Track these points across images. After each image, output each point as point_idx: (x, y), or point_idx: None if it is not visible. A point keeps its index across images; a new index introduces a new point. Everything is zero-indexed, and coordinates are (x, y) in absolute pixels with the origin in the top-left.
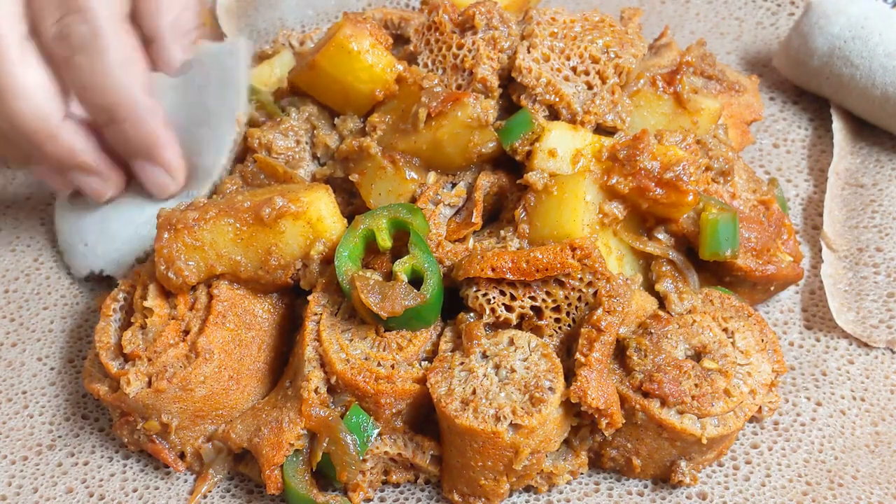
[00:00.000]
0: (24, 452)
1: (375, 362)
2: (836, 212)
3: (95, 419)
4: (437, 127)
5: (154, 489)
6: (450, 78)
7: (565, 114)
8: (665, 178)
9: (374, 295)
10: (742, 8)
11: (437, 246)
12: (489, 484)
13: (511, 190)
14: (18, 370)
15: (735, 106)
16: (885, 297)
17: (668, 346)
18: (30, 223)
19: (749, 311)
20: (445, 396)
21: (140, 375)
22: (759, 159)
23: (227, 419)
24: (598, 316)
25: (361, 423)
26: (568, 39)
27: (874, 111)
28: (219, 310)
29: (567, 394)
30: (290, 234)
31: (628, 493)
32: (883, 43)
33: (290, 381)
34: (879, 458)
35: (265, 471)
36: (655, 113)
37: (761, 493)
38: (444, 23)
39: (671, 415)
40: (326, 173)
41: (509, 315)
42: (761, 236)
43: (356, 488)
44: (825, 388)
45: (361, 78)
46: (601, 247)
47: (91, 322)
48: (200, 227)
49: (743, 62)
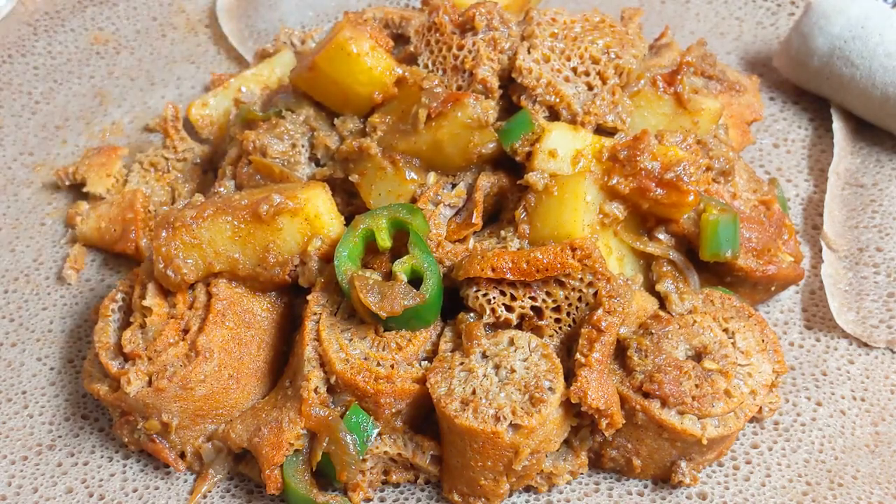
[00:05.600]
0: (24, 452)
1: (375, 362)
2: (836, 212)
3: (95, 419)
4: (437, 127)
5: (154, 489)
6: (450, 79)
7: (565, 114)
8: (665, 179)
9: (374, 295)
10: (742, 8)
11: (437, 246)
12: (489, 484)
13: (511, 190)
14: (18, 370)
15: (735, 106)
16: (886, 297)
17: (668, 346)
18: (30, 223)
19: (749, 312)
20: (445, 396)
21: (140, 374)
22: (760, 159)
23: (227, 418)
24: (598, 316)
25: (361, 422)
26: (568, 40)
27: (874, 111)
28: (218, 308)
29: (567, 394)
30: (288, 230)
31: (628, 493)
32: (883, 43)
33: (289, 380)
34: (879, 458)
35: (265, 471)
36: (656, 113)
37: (761, 493)
38: (444, 23)
39: (671, 415)
40: (326, 174)
41: (509, 315)
42: (762, 236)
43: (356, 488)
44: (825, 388)
45: (360, 80)
46: (601, 247)
47: (91, 322)
48: (198, 224)
49: (743, 62)
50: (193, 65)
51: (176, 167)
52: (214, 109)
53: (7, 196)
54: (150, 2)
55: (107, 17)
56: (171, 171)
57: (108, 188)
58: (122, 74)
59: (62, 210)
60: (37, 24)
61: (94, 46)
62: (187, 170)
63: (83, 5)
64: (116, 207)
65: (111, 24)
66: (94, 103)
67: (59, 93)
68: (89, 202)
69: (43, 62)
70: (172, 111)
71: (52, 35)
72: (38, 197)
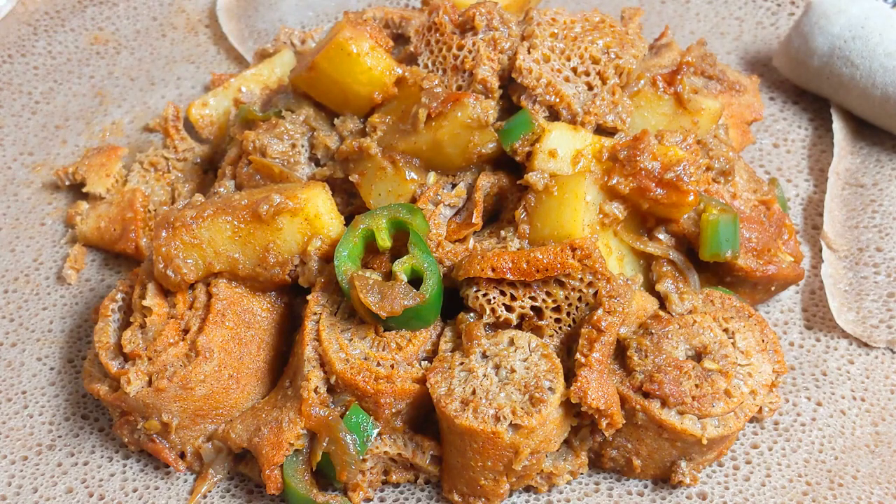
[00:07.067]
0: (24, 452)
1: (375, 362)
2: (836, 212)
3: (95, 419)
4: (437, 127)
5: (154, 489)
6: (450, 79)
7: (565, 114)
8: (666, 179)
9: (374, 294)
10: (742, 8)
11: (437, 246)
12: (489, 484)
13: (511, 190)
14: (18, 370)
15: (735, 106)
16: (886, 297)
17: (668, 346)
18: (30, 223)
19: (750, 312)
20: (445, 396)
21: (140, 374)
22: (760, 159)
23: (227, 418)
24: (598, 316)
25: (361, 422)
26: (568, 40)
27: (874, 111)
28: (218, 308)
29: (567, 394)
30: (288, 230)
31: (628, 493)
32: (883, 43)
33: (289, 380)
34: (879, 458)
35: (265, 471)
36: (656, 113)
37: (761, 493)
38: (444, 23)
39: (672, 415)
40: (326, 174)
41: (509, 315)
42: (762, 236)
43: (356, 488)
44: (825, 388)
45: (360, 80)
46: (601, 247)
47: (91, 322)
48: (198, 224)
49: (743, 62)
50: (193, 65)
51: (176, 167)
52: (214, 109)
53: (7, 196)
54: (150, 2)
55: (107, 17)
56: (171, 171)
57: (108, 188)
58: (122, 74)
59: (62, 210)
60: (37, 24)
61: (94, 46)
62: (187, 170)
63: (83, 5)
64: (116, 207)
65: (111, 24)
66: (94, 103)
67: (59, 93)
68: (89, 202)
69: (43, 62)
70: (173, 111)
71: (52, 35)
72: (38, 197)
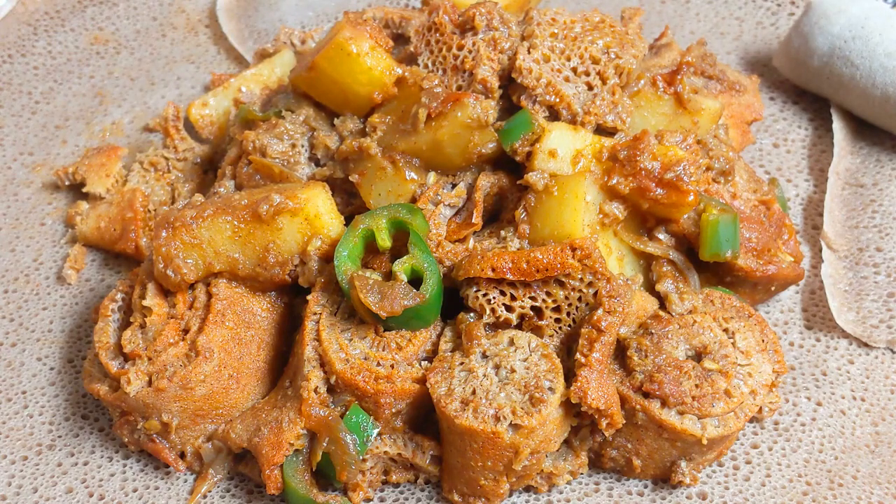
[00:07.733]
0: (24, 452)
1: (375, 362)
2: (836, 212)
3: (95, 419)
4: (437, 127)
5: (154, 489)
6: (450, 79)
7: (565, 114)
8: (665, 179)
9: (374, 294)
10: (742, 8)
11: (437, 246)
12: (489, 484)
13: (511, 190)
14: (18, 370)
15: (735, 106)
16: (886, 297)
17: (668, 346)
18: (30, 223)
19: (749, 312)
20: (445, 396)
21: (140, 374)
22: (760, 159)
23: (227, 418)
24: (598, 316)
25: (361, 422)
26: (568, 40)
27: (874, 111)
28: (218, 308)
29: (567, 394)
30: (288, 230)
31: (628, 493)
32: (883, 43)
33: (289, 380)
34: (879, 458)
35: (265, 471)
36: (656, 113)
37: (761, 493)
38: (444, 23)
39: (672, 415)
40: (326, 174)
41: (509, 315)
42: (762, 236)
43: (356, 488)
44: (825, 388)
45: (360, 80)
46: (601, 247)
47: (91, 322)
48: (198, 224)
49: (743, 62)
50: (193, 65)
51: (176, 167)
52: (214, 109)
53: (7, 196)
54: (150, 2)
55: (107, 17)
56: (171, 171)
57: (108, 188)
58: (122, 74)
59: (62, 210)
60: (37, 24)
61: (94, 46)
62: (187, 170)
63: (83, 5)
64: (116, 207)
65: (111, 24)
66: (94, 103)
67: (59, 93)
68: (89, 202)
69: (43, 62)
70: (173, 111)
71: (52, 35)
72: (38, 197)
